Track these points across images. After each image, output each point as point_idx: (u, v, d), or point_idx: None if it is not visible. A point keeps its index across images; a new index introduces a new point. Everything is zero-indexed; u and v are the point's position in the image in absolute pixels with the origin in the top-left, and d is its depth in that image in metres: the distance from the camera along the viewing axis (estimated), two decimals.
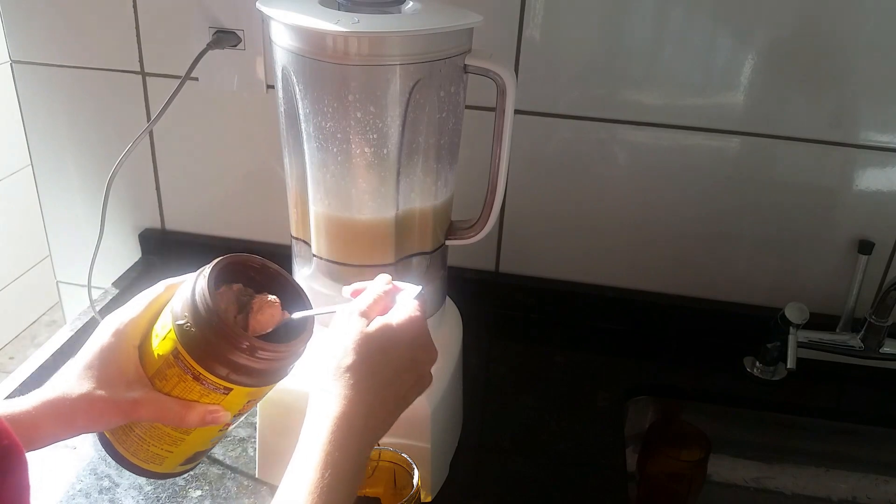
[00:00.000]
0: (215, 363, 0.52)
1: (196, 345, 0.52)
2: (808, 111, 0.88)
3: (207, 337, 0.52)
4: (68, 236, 1.11)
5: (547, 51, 0.89)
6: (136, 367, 0.55)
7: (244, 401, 0.56)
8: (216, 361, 0.52)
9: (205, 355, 0.52)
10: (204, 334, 0.52)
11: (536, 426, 0.86)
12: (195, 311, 0.52)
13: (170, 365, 0.53)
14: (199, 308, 0.52)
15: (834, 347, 0.93)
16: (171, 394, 0.54)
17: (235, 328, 0.52)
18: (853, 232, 0.93)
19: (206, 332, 0.52)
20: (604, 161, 0.94)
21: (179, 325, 0.52)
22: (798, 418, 0.93)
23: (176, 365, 0.53)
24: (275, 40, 0.64)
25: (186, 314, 0.52)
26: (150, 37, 0.96)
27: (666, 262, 0.99)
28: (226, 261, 0.55)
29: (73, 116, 1.02)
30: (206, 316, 0.52)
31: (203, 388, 0.53)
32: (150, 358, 0.54)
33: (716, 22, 0.86)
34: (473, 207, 0.73)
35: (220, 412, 0.55)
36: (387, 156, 0.64)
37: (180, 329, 0.52)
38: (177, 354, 0.53)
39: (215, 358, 0.52)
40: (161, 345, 0.54)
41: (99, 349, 0.55)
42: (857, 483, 0.95)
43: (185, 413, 0.54)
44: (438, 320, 0.76)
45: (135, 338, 0.55)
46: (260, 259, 0.58)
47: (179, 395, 0.54)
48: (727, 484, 0.96)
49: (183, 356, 0.52)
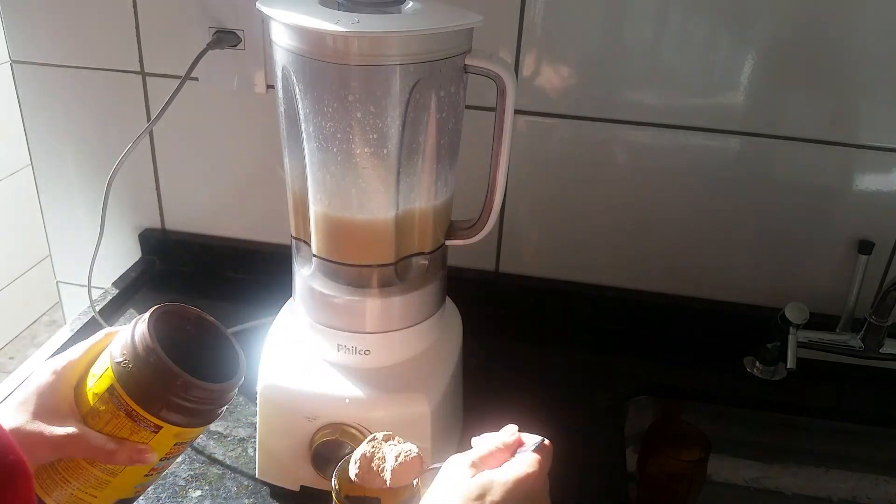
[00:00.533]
0: (148, 399, 0.55)
1: (132, 381, 0.55)
2: (808, 111, 0.88)
3: (144, 373, 0.54)
4: (68, 236, 1.11)
5: (547, 51, 0.89)
6: (70, 405, 0.56)
7: (172, 442, 0.58)
8: (149, 397, 0.55)
9: (139, 391, 0.55)
10: (140, 370, 0.55)
11: (536, 426, 0.85)
12: (133, 349, 0.55)
13: (104, 402, 0.55)
14: (137, 347, 0.55)
15: (834, 347, 0.93)
16: (103, 431, 0.55)
17: (171, 366, 0.55)
18: (853, 232, 0.93)
19: (143, 368, 0.54)
20: (604, 161, 0.94)
21: (117, 363, 0.55)
22: (798, 418, 0.93)
23: (110, 401, 0.55)
24: (275, 40, 0.64)
25: (125, 353, 0.55)
26: (150, 37, 0.96)
27: (666, 262, 0.99)
28: (163, 309, 0.58)
29: (73, 116, 1.02)
30: (143, 354, 0.55)
31: (134, 425, 0.55)
32: (84, 397, 0.56)
33: (716, 22, 0.86)
34: (473, 207, 0.73)
35: (148, 451, 0.56)
36: (387, 156, 0.64)
37: (117, 367, 0.55)
38: (112, 391, 0.55)
39: (149, 393, 0.55)
40: (97, 384, 0.56)
41: (37, 387, 0.56)
42: (857, 483, 0.95)
43: (114, 449, 0.55)
44: (438, 320, 0.76)
45: (72, 378, 0.57)
46: (196, 311, 0.61)
47: (110, 432, 0.55)
48: (727, 484, 0.96)
49: (118, 392, 0.55)
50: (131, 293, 1.04)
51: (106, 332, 0.60)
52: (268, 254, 1.05)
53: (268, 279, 1.03)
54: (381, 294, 0.70)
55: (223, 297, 1.04)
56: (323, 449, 0.70)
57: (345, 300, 0.70)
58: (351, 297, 0.70)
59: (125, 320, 0.98)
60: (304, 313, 0.74)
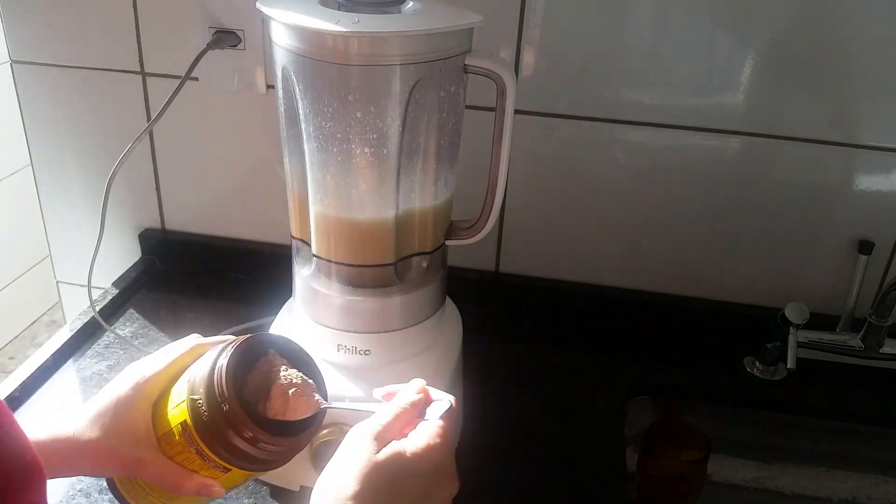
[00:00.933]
0: (219, 446, 0.54)
1: (204, 425, 0.54)
2: (808, 111, 0.88)
3: (216, 421, 0.53)
4: (68, 236, 1.11)
5: (547, 51, 0.89)
6: (146, 425, 0.55)
7: (241, 480, 0.58)
8: (220, 445, 0.54)
9: (210, 437, 0.54)
10: (213, 418, 0.53)
11: (536, 426, 0.86)
12: (209, 391, 0.53)
13: (178, 433, 0.55)
14: (213, 390, 0.53)
15: (834, 347, 0.93)
16: (174, 459, 0.55)
17: (243, 418, 0.53)
18: (853, 232, 0.93)
19: (216, 416, 0.53)
20: (604, 161, 0.94)
21: (193, 401, 0.54)
22: (798, 418, 0.93)
23: (183, 435, 0.54)
24: (275, 40, 0.64)
25: (201, 391, 0.54)
26: (150, 37, 0.96)
27: (666, 262, 0.99)
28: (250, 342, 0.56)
29: (73, 116, 1.02)
30: (218, 400, 0.53)
31: (204, 463, 0.55)
32: (162, 419, 0.56)
33: (716, 22, 0.86)
34: (473, 207, 0.73)
35: (216, 487, 0.56)
36: (387, 156, 0.64)
37: (193, 405, 0.54)
38: (185, 426, 0.54)
39: (220, 442, 0.54)
40: (174, 412, 0.55)
41: (115, 399, 0.55)
42: (857, 483, 0.95)
43: (183, 482, 0.55)
44: (438, 320, 0.76)
45: (152, 394, 0.56)
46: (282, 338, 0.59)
47: (181, 462, 0.55)
48: (727, 484, 0.96)
49: (191, 431, 0.54)
50: (131, 293, 1.04)
51: (195, 343, 0.59)
52: (268, 254, 1.05)
53: (268, 279, 1.03)
54: (381, 294, 0.70)
55: (223, 297, 1.04)
56: (323, 449, 0.69)
57: (345, 300, 0.70)
58: (351, 297, 0.70)
59: (124, 320, 0.98)
60: (304, 313, 0.74)
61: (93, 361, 0.91)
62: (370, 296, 0.70)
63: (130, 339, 0.94)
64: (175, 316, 1.02)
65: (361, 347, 0.71)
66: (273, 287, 0.89)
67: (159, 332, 0.97)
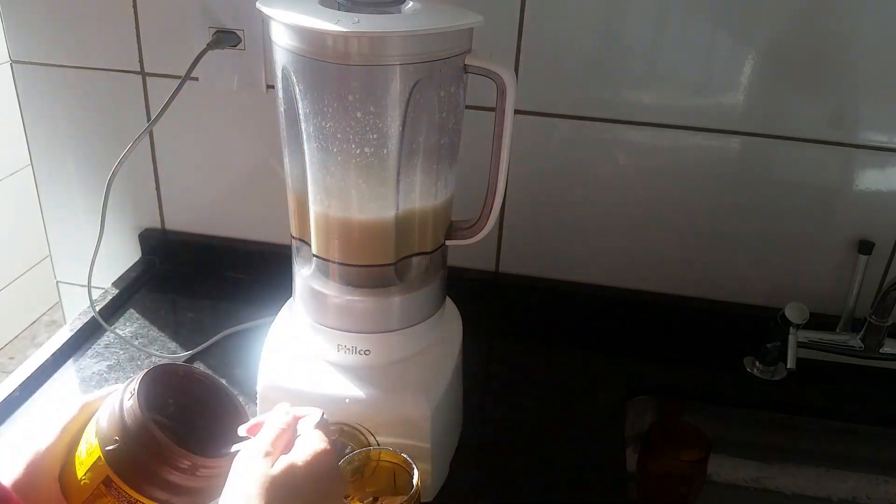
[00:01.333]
0: (154, 487, 0.49)
1: (130, 470, 0.49)
2: (808, 111, 0.88)
3: (143, 460, 0.49)
4: (68, 236, 1.11)
5: (547, 51, 0.89)
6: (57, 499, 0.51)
7: None
8: (154, 485, 0.49)
9: (141, 480, 0.49)
10: (139, 458, 0.49)
11: (536, 426, 0.86)
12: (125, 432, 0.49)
13: (101, 495, 0.50)
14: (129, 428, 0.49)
15: (834, 347, 0.93)
16: None
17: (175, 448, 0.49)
18: (853, 232, 0.93)
19: (142, 455, 0.49)
20: (604, 161, 0.94)
21: (110, 451, 0.49)
22: (798, 418, 0.93)
23: (108, 494, 0.49)
24: (275, 40, 0.64)
25: (117, 437, 0.49)
26: (150, 37, 0.96)
27: (666, 262, 0.99)
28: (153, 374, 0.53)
29: (73, 116, 1.02)
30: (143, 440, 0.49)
31: None
32: (74, 488, 0.50)
33: (716, 22, 0.86)
34: (473, 207, 0.73)
35: None
36: (387, 156, 0.64)
37: (112, 455, 0.49)
38: (108, 483, 0.49)
39: (153, 482, 0.49)
40: (89, 473, 0.50)
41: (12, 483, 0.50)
42: (857, 483, 0.95)
43: None
44: (438, 320, 0.76)
45: (53, 469, 0.51)
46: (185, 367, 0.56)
47: None
48: (727, 484, 0.96)
49: (116, 484, 0.49)
50: (131, 293, 1.04)
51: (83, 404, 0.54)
52: (268, 254, 1.05)
53: (268, 279, 1.03)
54: (381, 294, 0.70)
55: (223, 297, 1.04)
56: None
57: (345, 300, 0.70)
58: (351, 297, 0.70)
59: (124, 320, 0.98)
60: (304, 313, 0.74)
61: (93, 361, 0.91)
62: (370, 296, 0.70)
63: (130, 339, 0.94)
64: (175, 316, 1.02)
65: (361, 347, 0.72)
66: (273, 287, 0.89)
67: (159, 332, 0.97)
